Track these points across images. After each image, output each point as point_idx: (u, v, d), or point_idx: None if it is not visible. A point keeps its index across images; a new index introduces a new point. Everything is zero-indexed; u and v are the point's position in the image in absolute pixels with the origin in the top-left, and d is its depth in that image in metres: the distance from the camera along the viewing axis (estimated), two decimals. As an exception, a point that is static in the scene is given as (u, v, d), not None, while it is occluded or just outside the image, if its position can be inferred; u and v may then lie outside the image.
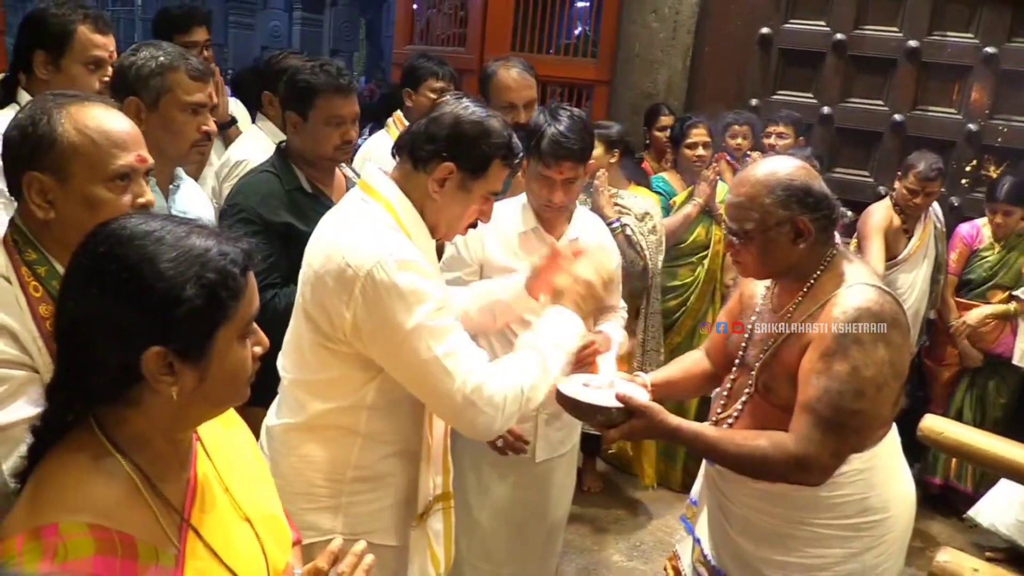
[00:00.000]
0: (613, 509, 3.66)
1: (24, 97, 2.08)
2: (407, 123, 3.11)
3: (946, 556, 1.79)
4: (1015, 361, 3.65)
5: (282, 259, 2.09)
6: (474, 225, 1.71)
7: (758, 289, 1.93)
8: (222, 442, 1.17)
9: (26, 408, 1.23)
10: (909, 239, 3.72)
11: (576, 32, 5.08)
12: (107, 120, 1.33)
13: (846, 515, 1.75)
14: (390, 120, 3.23)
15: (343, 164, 2.43)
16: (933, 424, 2.48)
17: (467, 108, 1.62)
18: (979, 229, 3.84)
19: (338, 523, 1.63)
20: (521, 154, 1.69)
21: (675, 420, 1.72)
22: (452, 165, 1.59)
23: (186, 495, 1.05)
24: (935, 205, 3.79)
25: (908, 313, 3.39)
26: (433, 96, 3.06)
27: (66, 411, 0.98)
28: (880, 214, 3.67)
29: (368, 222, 1.57)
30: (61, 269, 1.30)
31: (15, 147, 1.30)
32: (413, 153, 1.61)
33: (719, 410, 1.88)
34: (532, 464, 2.31)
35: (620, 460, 3.98)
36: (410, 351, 1.49)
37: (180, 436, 1.05)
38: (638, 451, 3.74)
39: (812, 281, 1.74)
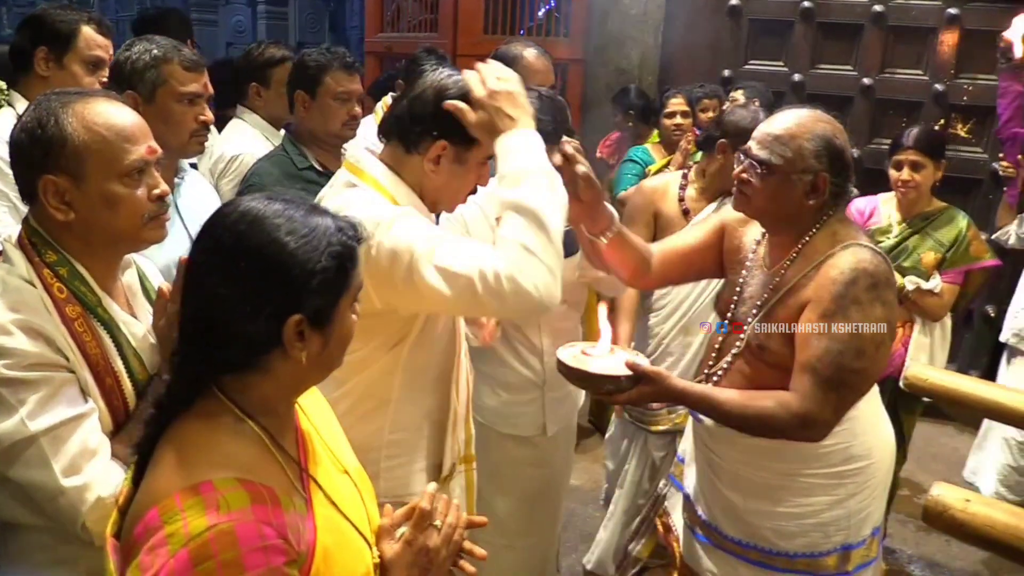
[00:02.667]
0: (611, 477, 3.74)
1: (18, 100, 2.10)
2: None
3: (939, 490, 1.87)
4: (902, 383, 2.96)
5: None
6: (474, 191, 1.69)
7: (747, 241, 1.94)
8: (309, 401, 1.24)
9: (67, 409, 1.25)
10: None
11: (540, 13, 5.09)
12: (114, 114, 1.31)
13: (832, 464, 1.81)
14: (378, 106, 3.27)
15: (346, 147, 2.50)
16: (918, 372, 2.59)
17: (449, 77, 1.57)
18: (876, 207, 3.13)
19: (379, 487, 1.61)
20: None
21: (681, 383, 1.74)
22: (444, 142, 1.55)
23: (298, 449, 1.13)
24: None
25: None
26: None
27: (194, 383, 1.04)
28: None
29: (357, 202, 1.54)
30: (83, 269, 1.32)
31: (25, 151, 1.28)
32: (403, 137, 1.58)
33: (711, 363, 1.93)
34: (543, 439, 2.36)
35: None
36: (422, 282, 1.44)
37: (296, 398, 1.13)
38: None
39: (806, 239, 1.76)
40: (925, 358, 2.99)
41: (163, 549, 0.91)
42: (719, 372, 1.88)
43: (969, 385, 2.42)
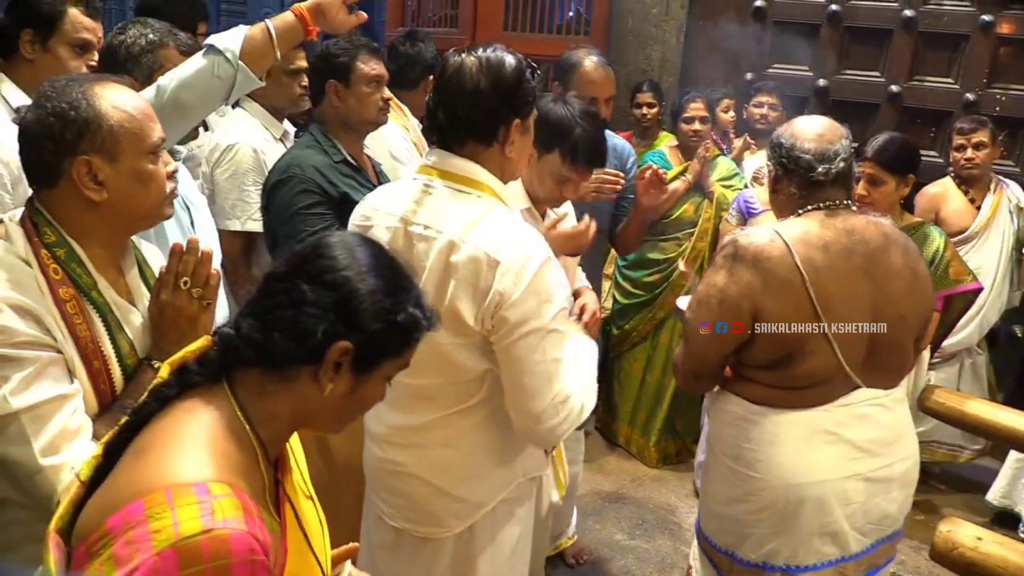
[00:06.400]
0: (613, 488, 3.65)
1: (3, 82, 2.04)
2: (401, 104, 3.06)
3: (948, 526, 1.77)
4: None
5: (341, 230, 2.15)
6: None
7: None
8: None
9: (52, 387, 1.26)
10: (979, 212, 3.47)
11: (570, 14, 5.02)
12: (133, 96, 1.37)
13: (725, 454, 1.92)
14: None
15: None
16: (934, 395, 2.47)
17: (490, 59, 1.60)
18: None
19: (518, 471, 1.74)
20: (537, 69, 1.70)
21: None
22: (518, 120, 1.62)
23: (279, 470, 1.10)
24: (1016, 187, 3.60)
25: (987, 297, 3.32)
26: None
27: (230, 357, 1.04)
28: (926, 199, 3.46)
29: (496, 218, 1.59)
30: (81, 252, 1.34)
31: (56, 134, 1.28)
32: (478, 135, 1.62)
33: None
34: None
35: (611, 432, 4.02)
36: (531, 348, 1.55)
37: (296, 430, 1.13)
38: (617, 413, 3.93)
39: None
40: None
41: (146, 544, 0.85)
42: None
43: (985, 410, 2.32)
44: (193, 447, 0.95)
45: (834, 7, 4.19)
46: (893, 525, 1.89)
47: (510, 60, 1.62)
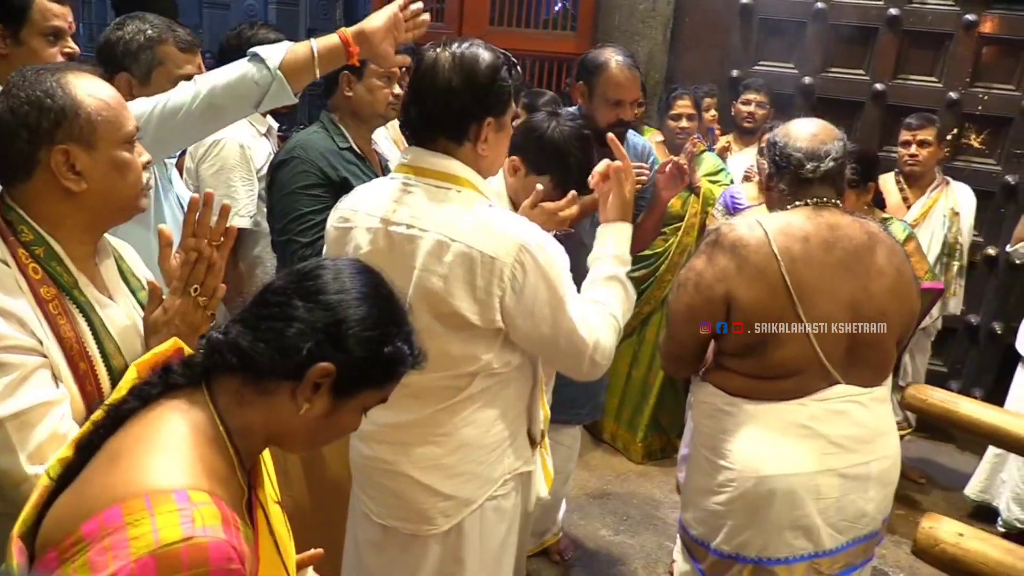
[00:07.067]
0: (598, 484, 3.67)
1: None
2: None
3: (930, 522, 1.79)
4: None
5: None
6: None
7: None
8: None
9: (38, 393, 1.21)
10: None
11: (557, 8, 5.01)
12: (105, 85, 1.33)
13: (703, 445, 1.95)
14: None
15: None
16: (917, 392, 2.49)
17: (464, 56, 1.57)
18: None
19: (505, 467, 1.73)
20: (517, 66, 1.67)
21: None
22: (490, 119, 1.59)
23: (252, 477, 1.09)
24: (965, 190, 3.62)
25: None
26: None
27: (214, 360, 1.03)
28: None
29: (479, 211, 1.58)
30: (60, 250, 1.29)
31: (31, 124, 1.24)
32: (450, 132, 1.60)
33: None
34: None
35: (598, 430, 4.01)
36: (555, 322, 1.57)
37: (268, 447, 1.12)
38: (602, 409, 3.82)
39: None
40: None
41: (123, 551, 0.84)
42: None
43: (967, 407, 2.33)
44: (173, 452, 0.94)
45: (820, 5, 4.20)
46: (871, 524, 1.90)
47: (485, 57, 1.58)
